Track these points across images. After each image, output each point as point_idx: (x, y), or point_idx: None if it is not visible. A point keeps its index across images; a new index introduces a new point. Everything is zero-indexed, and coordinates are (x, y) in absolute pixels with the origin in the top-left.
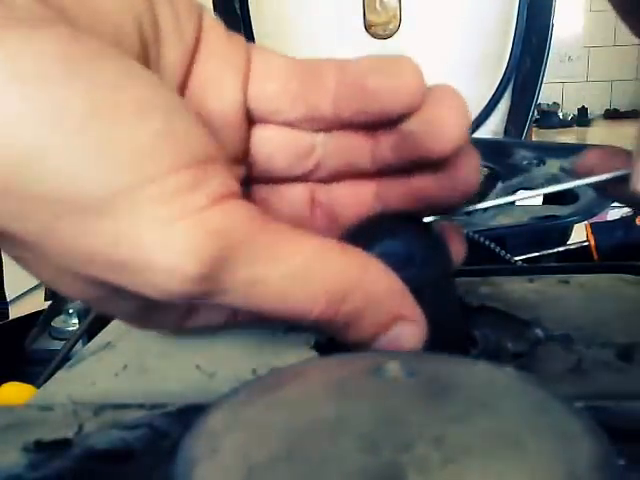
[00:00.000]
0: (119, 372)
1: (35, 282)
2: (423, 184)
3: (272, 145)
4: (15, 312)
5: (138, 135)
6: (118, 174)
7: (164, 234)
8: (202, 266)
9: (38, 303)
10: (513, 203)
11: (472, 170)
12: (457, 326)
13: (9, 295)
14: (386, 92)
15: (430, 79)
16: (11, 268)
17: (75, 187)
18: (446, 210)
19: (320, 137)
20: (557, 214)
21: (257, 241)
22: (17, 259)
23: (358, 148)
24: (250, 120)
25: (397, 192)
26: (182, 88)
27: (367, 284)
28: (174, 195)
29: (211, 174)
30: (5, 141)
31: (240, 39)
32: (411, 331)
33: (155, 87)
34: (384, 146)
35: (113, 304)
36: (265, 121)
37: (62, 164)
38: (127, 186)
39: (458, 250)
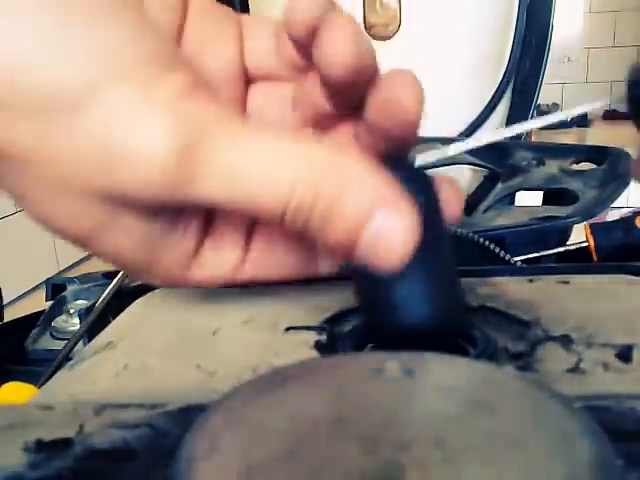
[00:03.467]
0: (120, 372)
1: (35, 282)
2: (370, 116)
3: (266, 99)
4: (16, 312)
5: (111, 36)
6: (93, 70)
7: (139, 124)
8: (178, 148)
9: (39, 303)
10: (512, 203)
11: (407, 93)
12: (454, 289)
13: (9, 296)
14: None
15: (430, 80)
16: (11, 269)
17: (58, 86)
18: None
19: (299, 90)
20: (556, 215)
21: (228, 128)
22: (10, 189)
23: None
24: (245, 79)
25: (365, 135)
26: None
27: (341, 169)
28: (143, 86)
29: (178, 66)
30: None
31: (227, 7)
32: (397, 222)
33: (125, 4)
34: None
35: (109, 236)
36: (259, 78)
37: (45, 65)
38: (104, 81)
39: (454, 206)
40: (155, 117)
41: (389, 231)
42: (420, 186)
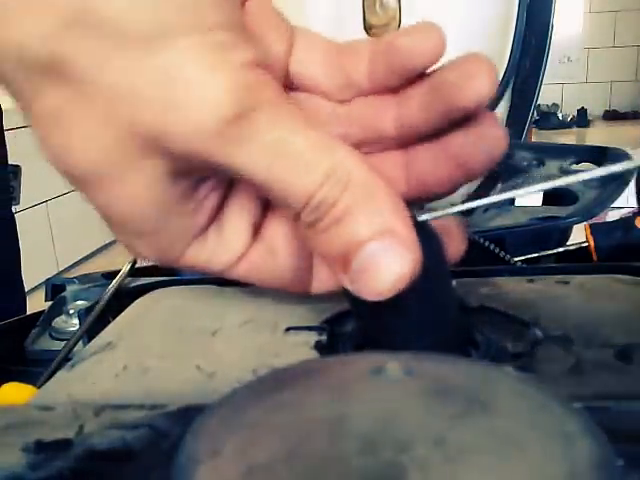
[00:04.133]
0: (119, 372)
1: (35, 283)
2: (453, 141)
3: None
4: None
5: None
6: (174, 17)
7: (206, 75)
8: (235, 109)
9: (38, 303)
10: (513, 203)
11: (497, 125)
12: (455, 325)
13: None
14: (414, 47)
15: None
16: None
17: (134, 23)
18: (477, 173)
19: (344, 108)
20: (556, 215)
21: (282, 108)
22: (42, 107)
23: (382, 113)
24: (283, 82)
25: (428, 156)
26: None
27: (372, 183)
28: (217, 47)
29: (248, 44)
30: None
31: (283, 15)
32: (396, 255)
33: None
34: (412, 105)
35: (128, 181)
36: (300, 88)
37: (125, 3)
38: (179, 28)
39: (457, 246)
40: (221, 76)
41: (384, 260)
42: (424, 237)
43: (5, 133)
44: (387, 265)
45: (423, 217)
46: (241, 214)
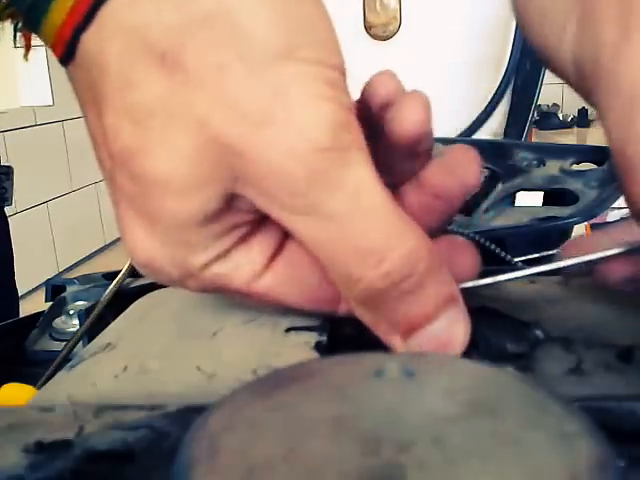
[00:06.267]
0: (119, 373)
1: (35, 283)
2: (429, 174)
3: None
4: None
5: (324, 28)
6: (301, 43)
7: (313, 102)
8: (330, 138)
9: (38, 304)
10: (513, 203)
11: (470, 156)
12: None
13: None
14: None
15: (430, 80)
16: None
17: (265, 36)
18: (456, 202)
19: None
20: (557, 215)
21: (367, 159)
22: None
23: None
24: None
25: (412, 191)
26: None
27: (433, 256)
28: (329, 83)
29: (347, 89)
30: None
31: None
32: (459, 327)
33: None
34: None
35: (191, 193)
36: None
37: (262, 16)
38: (303, 56)
39: (471, 263)
40: (327, 108)
41: (455, 330)
42: None
43: (4, 135)
44: (457, 336)
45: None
46: (271, 232)
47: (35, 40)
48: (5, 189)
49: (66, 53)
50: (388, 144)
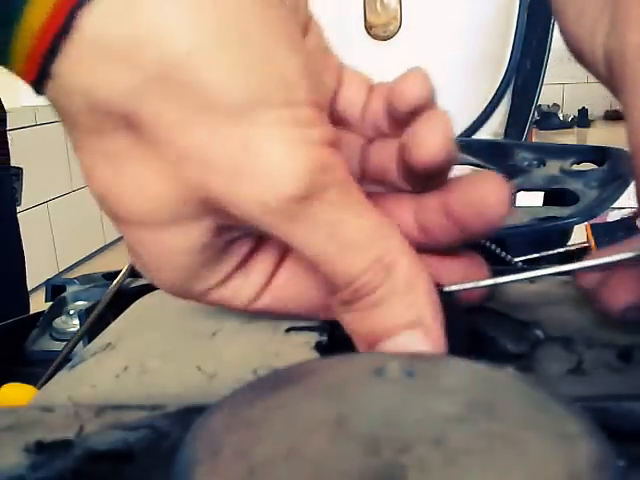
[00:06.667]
0: (120, 373)
1: (35, 283)
2: (453, 198)
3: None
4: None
5: (288, 65)
6: (264, 90)
7: (285, 152)
8: (308, 185)
9: (39, 304)
10: (513, 203)
11: (502, 187)
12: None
13: None
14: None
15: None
16: None
17: (225, 91)
18: (476, 235)
19: (371, 146)
20: (557, 215)
21: (350, 189)
22: (95, 149)
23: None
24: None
25: (433, 207)
26: None
27: (412, 270)
28: (301, 123)
29: (326, 120)
30: (176, 39)
31: (334, 52)
32: (427, 344)
33: (300, 41)
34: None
35: (171, 229)
36: (337, 122)
37: (219, 68)
38: (268, 102)
39: (479, 269)
40: (299, 154)
41: (413, 343)
42: (447, 306)
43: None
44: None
45: (450, 288)
46: (270, 252)
47: None
48: (15, 189)
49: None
50: (406, 158)
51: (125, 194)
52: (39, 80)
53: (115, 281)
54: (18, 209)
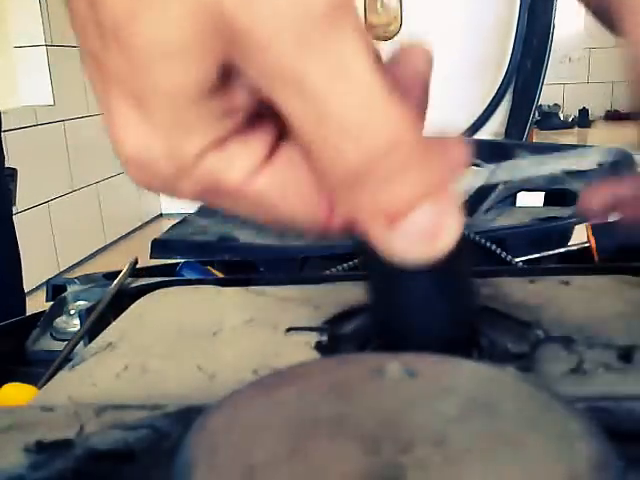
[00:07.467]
0: (120, 373)
1: (36, 283)
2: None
3: None
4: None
5: None
6: None
7: None
8: (324, 4)
9: (39, 304)
10: (514, 203)
11: (417, 48)
12: (469, 328)
13: None
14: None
15: (431, 81)
16: None
17: None
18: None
19: None
20: (558, 215)
21: (356, 20)
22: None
23: None
24: None
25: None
26: None
27: (417, 146)
28: None
29: None
30: None
31: None
32: (446, 218)
33: None
34: None
35: (184, 61)
36: None
37: None
38: None
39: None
40: None
41: (437, 226)
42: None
43: (4, 134)
44: (446, 228)
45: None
46: (267, 130)
47: (35, 39)
48: (10, 190)
49: None
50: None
51: (143, 17)
52: None
53: (116, 281)
54: (18, 209)
